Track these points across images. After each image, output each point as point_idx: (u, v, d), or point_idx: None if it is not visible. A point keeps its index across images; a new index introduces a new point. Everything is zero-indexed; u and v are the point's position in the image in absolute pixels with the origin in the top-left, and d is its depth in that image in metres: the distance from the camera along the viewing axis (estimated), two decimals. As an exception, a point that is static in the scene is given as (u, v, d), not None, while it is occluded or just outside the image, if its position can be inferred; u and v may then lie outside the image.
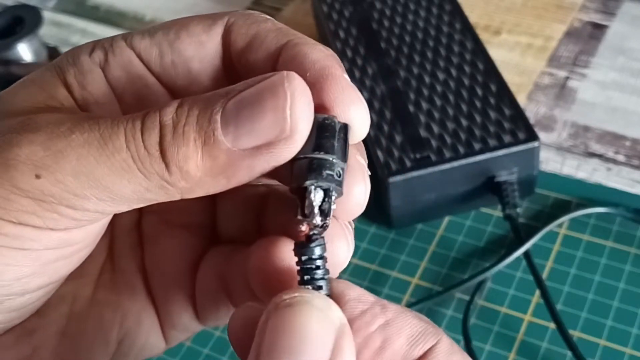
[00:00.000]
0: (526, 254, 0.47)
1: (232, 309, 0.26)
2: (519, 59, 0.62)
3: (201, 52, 0.23)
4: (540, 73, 0.60)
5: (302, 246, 0.21)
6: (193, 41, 0.23)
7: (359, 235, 0.51)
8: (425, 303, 0.46)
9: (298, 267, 0.22)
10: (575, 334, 0.44)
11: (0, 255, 0.21)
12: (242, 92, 0.21)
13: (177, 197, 0.21)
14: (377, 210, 0.50)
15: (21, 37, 0.62)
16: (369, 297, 0.22)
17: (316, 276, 0.21)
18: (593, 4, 0.65)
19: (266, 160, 0.21)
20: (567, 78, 0.60)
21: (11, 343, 0.24)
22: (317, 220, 0.21)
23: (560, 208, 0.50)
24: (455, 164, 0.47)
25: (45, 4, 0.76)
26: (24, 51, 0.62)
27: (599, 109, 0.57)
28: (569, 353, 0.43)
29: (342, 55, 0.56)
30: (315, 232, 0.21)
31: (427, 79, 0.53)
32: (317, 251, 0.21)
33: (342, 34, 0.57)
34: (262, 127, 0.20)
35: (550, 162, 0.54)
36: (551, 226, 0.49)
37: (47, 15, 0.71)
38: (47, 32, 0.69)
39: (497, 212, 0.51)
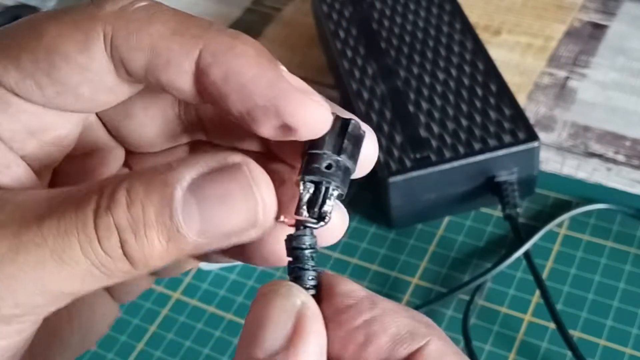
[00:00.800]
0: (526, 254, 0.47)
1: (190, 260, 0.26)
2: (519, 59, 0.62)
3: (86, 76, 0.20)
4: (540, 73, 0.60)
5: (290, 237, 0.22)
6: (72, 67, 0.20)
7: (359, 235, 0.51)
8: (423, 301, 0.46)
9: (288, 258, 0.22)
10: (575, 334, 0.44)
11: None
12: (199, 180, 0.20)
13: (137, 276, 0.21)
14: (377, 210, 0.50)
15: (21, 37, 0.62)
16: (360, 292, 0.21)
17: (303, 266, 0.22)
18: (593, 4, 0.65)
19: (233, 243, 0.20)
20: (567, 78, 0.60)
21: None
22: (304, 214, 0.22)
23: (560, 208, 0.50)
24: (455, 164, 0.48)
25: (45, 4, 0.76)
26: (24, 51, 0.62)
27: (599, 109, 0.57)
28: (569, 353, 0.43)
29: (342, 55, 0.56)
30: (309, 222, 0.22)
31: (427, 79, 0.53)
32: (307, 241, 0.22)
33: (342, 34, 0.57)
34: (232, 223, 0.20)
35: (550, 162, 0.54)
36: (551, 225, 0.49)
37: (47, 15, 0.71)
38: (47, 32, 0.69)
39: (497, 212, 0.51)
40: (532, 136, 0.48)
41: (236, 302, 0.49)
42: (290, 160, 0.24)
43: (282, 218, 0.22)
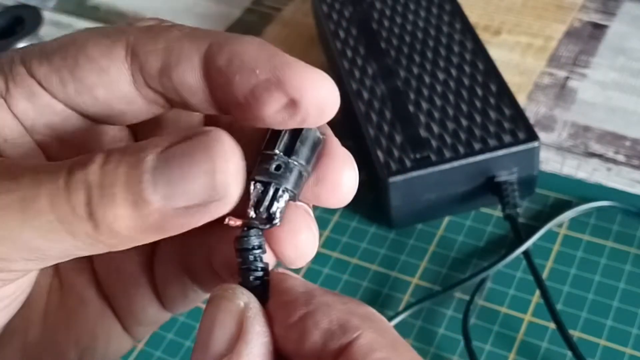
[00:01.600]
0: (526, 254, 0.47)
1: (199, 292, 0.26)
2: (519, 59, 0.62)
3: (104, 79, 0.22)
4: (540, 73, 0.60)
5: (237, 238, 0.22)
6: (93, 67, 0.21)
7: (359, 235, 0.51)
8: (424, 303, 0.46)
9: (238, 259, 0.22)
10: (575, 334, 0.44)
11: None
12: (170, 147, 0.20)
13: (105, 251, 0.21)
14: (377, 210, 0.50)
15: (21, 37, 0.62)
16: (299, 288, 0.21)
17: (249, 267, 0.22)
18: (593, 4, 0.65)
19: (199, 218, 0.20)
20: (567, 78, 0.60)
21: None
22: (251, 212, 0.22)
23: (560, 208, 0.50)
24: (455, 164, 0.48)
25: (45, 4, 0.76)
26: (24, 51, 0.62)
27: (599, 109, 0.57)
28: (569, 353, 0.43)
29: (342, 55, 0.56)
30: (255, 224, 0.22)
31: (427, 79, 0.53)
32: (252, 242, 0.22)
33: (342, 34, 0.57)
34: (194, 189, 0.20)
35: (550, 162, 0.54)
36: (551, 225, 0.49)
37: (47, 15, 0.71)
38: (47, 32, 0.69)
39: (497, 212, 0.51)
40: (532, 136, 0.48)
41: (236, 302, 0.49)
42: None
43: (227, 220, 0.22)
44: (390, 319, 0.46)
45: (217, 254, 0.24)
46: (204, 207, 0.20)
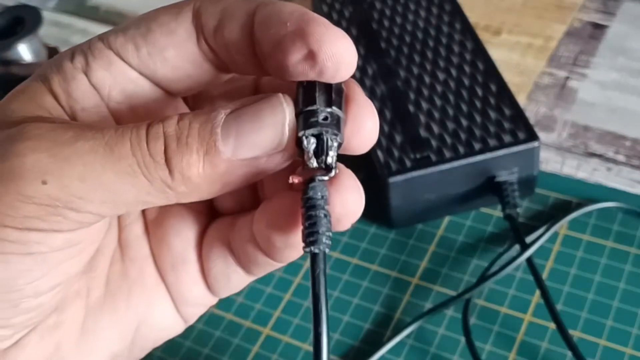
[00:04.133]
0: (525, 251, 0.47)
1: (242, 274, 0.27)
2: (519, 59, 0.62)
3: (173, 39, 0.24)
4: (540, 73, 0.60)
5: (304, 190, 0.23)
6: (164, 31, 0.24)
7: (359, 235, 0.51)
8: (423, 301, 0.46)
9: (302, 210, 0.23)
10: (575, 334, 0.44)
11: (10, 261, 0.22)
12: (240, 108, 0.22)
13: (174, 201, 0.23)
14: (377, 210, 0.50)
15: (21, 37, 0.62)
16: None
17: (318, 213, 0.23)
18: (593, 4, 0.65)
19: (261, 170, 0.23)
20: (567, 78, 0.60)
21: (35, 342, 0.25)
22: (314, 162, 0.23)
23: (560, 208, 0.50)
24: (455, 164, 0.48)
25: (45, 4, 0.76)
26: (24, 51, 0.62)
27: (599, 109, 0.57)
28: (569, 353, 0.43)
29: (342, 55, 0.55)
30: (318, 175, 0.23)
31: (427, 79, 0.53)
32: (319, 192, 0.23)
33: (342, 34, 0.57)
34: (262, 140, 0.22)
35: (550, 162, 0.54)
36: (552, 227, 0.49)
37: (47, 15, 0.71)
38: (47, 32, 0.69)
39: (497, 212, 0.51)
40: (532, 136, 0.48)
41: (236, 302, 0.49)
42: None
43: (291, 179, 0.23)
44: (389, 319, 0.46)
45: (263, 233, 0.25)
46: (267, 158, 0.22)
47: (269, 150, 0.22)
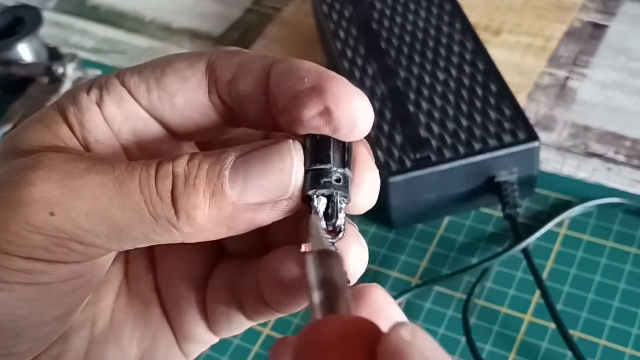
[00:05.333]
0: (525, 253, 0.47)
1: (243, 319, 0.27)
2: (519, 59, 0.62)
3: (184, 87, 0.24)
4: (540, 73, 0.60)
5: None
6: (177, 77, 0.24)
7: (359, 235, 0.51)
8: (423, 301, 0.46)
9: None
10: (575, 334, 0.44)
11: (15, 290, 0.22)
12: (249, 152, 0.23)
13: (178, 241, 0.23)
14: (377, 210, 0.50)
15: (21, 37, 0.62)
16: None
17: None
18: (593, 4, 0.65)
19: (267, 215, 0.23)
20: (567, 78, 0.60)
21: None
22: (322, 224, 0.23)
23: (561, 208, 0.50)
24: (455, 164, 0.48)
25: (45, 4, 0.76)
26: (24, 51, 0.62)
27: (599, 109, 0.57)
28: (569, 353, 0.43)
29: (342, 55, 0.56)
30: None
31: (427, 79, 0.53)
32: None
33: (342, 34, 0.58)
34: (268, 186, 0.22)
35: (550, 162, 0.54)
36: (551, 224, 0.49)
37: (47, 15, 0.71)
38: (47, 32, 0.69)
39: (497, 212, 0.51)
40: (532, 136, 0.48)
41: (236, 302, 0.49)
42: None
43: (303, 248, 0.23)
44: (390, 319, 0.46)
45: (269, 285, 0.25)
46: (273, 204, 0.22)
47: (274, 196, 0.22)
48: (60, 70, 0.61)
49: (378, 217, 0.51)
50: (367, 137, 0.24)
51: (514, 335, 0.45)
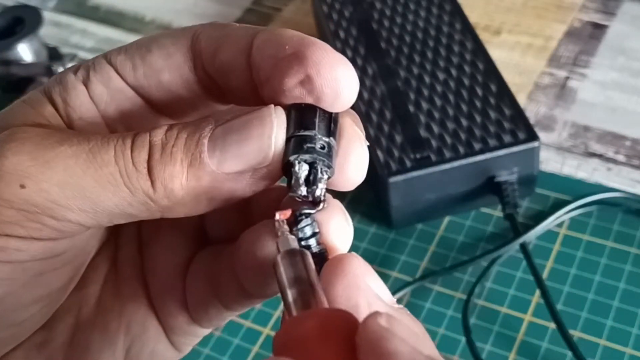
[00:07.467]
0: (525, 251, 0.47)
1: (221, 309, 0.26)
2: (519, 59, 0.62)
3: (170, 62, 0.24)
4: (540, 73, 0.60)
5: (294, 229, 0.22)
6: (162, 53, 0.24)
7: (359, 235, 0.51)
8: (423, 301, 0.46)
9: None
10: (575, 334, 0.44)
11: None
12: (230, 121, 0.22)
13: (157, 216, 0.22)
14: (377, 210, 0.50)
15: (21, 37, 0.62)
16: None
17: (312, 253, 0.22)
18: (593, 4, 0.65)
19: (248, 185, 0.22)
20: (567, 78, 0.60)
21: (20, 359, 0.24)
22: (303, 190, 0.21)
23: (561, 208, 0.50)
24: (455, 164, 0.48)
25: (45, 4, 0.76)
26: (24, 51, 0.62)
27: (599, 109, 0.57)
28: (569, 353, 0.43)
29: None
30: (306, 208, 0.22)
31: (427, 79, 0.53)
32: (308, 231, 0.22)
33: (342, 34, 0.57)
34: (247, 152, 0.21)
35: (550, 162, 0.54)
36: (551, 224, 0.49)
37: (47, 15, 0.71)
38: (47, 32, 0.69)
39: (497, 212, 0.51)
40: (532, 136, 0.48)
41: (236, 302, 0.49)
42: None
43: (277, 215, 0.22)
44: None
45: (242, 268, 0.24)
46: (252, 172, 0.21)
47: (253, 164, 0.21)
48: (60, 70, 0.61)
49: (378, 217, 0.51)
50: (367, 137, 0.24)
51: (514, 335, 0.45)
